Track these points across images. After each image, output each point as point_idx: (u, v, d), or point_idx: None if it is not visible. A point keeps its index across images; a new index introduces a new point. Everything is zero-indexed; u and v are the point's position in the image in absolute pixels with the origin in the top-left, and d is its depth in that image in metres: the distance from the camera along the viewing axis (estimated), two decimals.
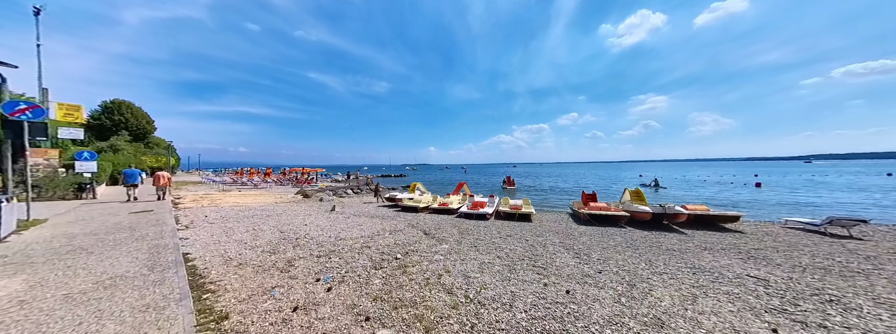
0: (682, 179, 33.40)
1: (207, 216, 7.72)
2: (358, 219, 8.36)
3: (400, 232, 6.62)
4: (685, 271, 4.17)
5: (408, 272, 3.78)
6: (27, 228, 5.68)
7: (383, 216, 9.40)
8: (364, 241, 5.52)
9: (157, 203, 9.75)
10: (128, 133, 30.71)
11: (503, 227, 7.87)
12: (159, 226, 6.05)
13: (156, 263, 3.76)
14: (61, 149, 13.87)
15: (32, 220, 6.59)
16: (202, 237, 5.51)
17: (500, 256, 4.73)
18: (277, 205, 10.95)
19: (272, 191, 18.31)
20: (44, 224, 6.32)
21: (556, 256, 4.83)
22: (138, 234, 5.29)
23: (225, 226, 6.56)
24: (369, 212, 10.22)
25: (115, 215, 7.29)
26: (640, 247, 5.75)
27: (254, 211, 9.12)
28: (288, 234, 5.91)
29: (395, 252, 4.86)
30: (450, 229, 7.46)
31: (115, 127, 31.08)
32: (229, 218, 7.63)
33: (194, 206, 9.82)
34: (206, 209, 9.23)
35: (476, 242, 5.82)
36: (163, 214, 7.44)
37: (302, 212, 9.19)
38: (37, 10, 10.66)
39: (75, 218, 6.92)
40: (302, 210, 9.87)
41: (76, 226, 5.94)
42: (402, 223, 7.93)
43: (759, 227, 8.17)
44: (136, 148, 29.34)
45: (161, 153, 32.92)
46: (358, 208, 11.35)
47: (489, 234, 6.83)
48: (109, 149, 24.07)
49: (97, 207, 8.74)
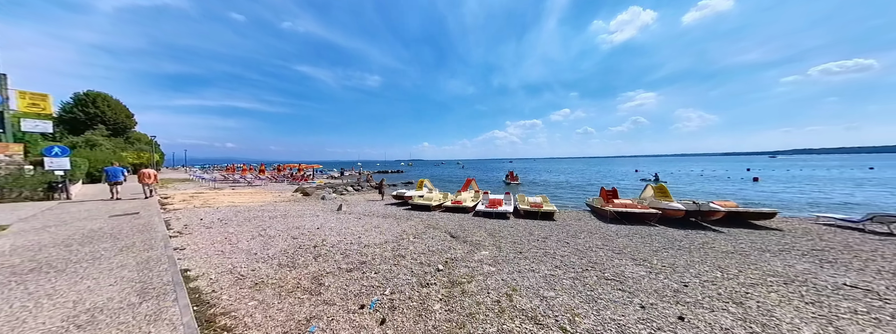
0: (677, 174, 33.81)
1: (203, 219, 6.80)
2: (370, 219, 7.60)
3: (424, 235, 5.93)
4: (772, 280, 3.67)
5: (466, 291, 3.10)
6: None
7: (396, 216, 8.67)
8: (392, 248, 4.80)
9: (142, 203, 8.69)
10: (105, 127, 28.49)
11: (532, 228, 7.29)
12: (147, 232, 5.14)
13: (148, 286, 2.95)
14: (27, 143, 12.37)
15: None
16: (201, 246, 4.66)
17: (558, 266, 4.11)
18: (278, 205, 10.03)
19: (268, 189, 17.20)
20: (3, 232, 5.30)
21: (619, 264, 4.26)
22: (123, 244, 4.40)
23: (225, 230, 5.69)
24: (379, 212, 9.46)
25: (94, 219, 6.28)
26: (693, 250, 5.27)
27: (254, 211, 8.21)
28: (302, 240, 5.12)
29: (433, 262, 4.18)
30: (476, 231, 6.81)
31: (91, 121, 28.77)
32: (229, 220, 6.74)
33: (185, 207, 8.81)
34: (200, 210, 8.26)
35: (517, 247, 5.20)
36: (150, 217, 6.47)
37: (308, 213, 8.35)
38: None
39: (44, 223, 5.90)
40: (306, 210, 9.01)
41: (45, 234, 4.96)
42: (420, 224, 7.23)
43: (791, 224, 7.89)
44: (115, 143, 27.27)
45: (143, 149, 30.83)
46: (365, 207, 10.56)
47: (523, 237, 6.22)
48: (85, 144, 22.14)
49: (72, 209, 7.64)
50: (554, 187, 22.81)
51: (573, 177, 33.85)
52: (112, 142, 26.58)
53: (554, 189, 21.54)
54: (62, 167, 10.52)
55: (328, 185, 20.21)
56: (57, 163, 10.50)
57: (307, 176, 22.17)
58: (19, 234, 4.96)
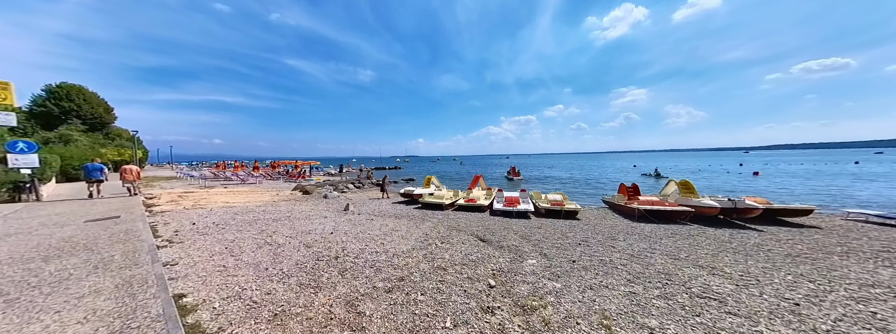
0: (675, 169, 34.08)
1: (196, 223, 5.93)
2: (384, 221, 6.87)
3: (451, 239, 5.26)
4: (877, 293, 3.18)
5: (548, 321, 2.46)
6: None
7: (410, 216, 7.97)
8: (425, 257, 4.12)
9: (123, 204, 7.69)
10: (81, 122, 26.47)
11: (562, 228, 6.74)
12: (130, 241, 4.29)
13: (129, 323, 2.19)
14: None
15: None
16: (198, 259, 3.86)
17: (629, 279, 3.53)
18: (278, 205, 9.16)
19: (264, 187, 16.16)
20: None
21: (694, 275, 3.71)
22: (99, 258, 3.56)
23: (224, 237, 4.88)
24: (390, 211, 8.74)
25: (66, 225, 5.35)
26: (750, 253, 4.80)
27: (254, 213, 7.35)
28: (318, 249, 4.38)
29: (480, 275, 3.53)
30: (504, 233, 6.20)
31: (65, 115, 26.64)
32: (226, 224, 5.89)
33: (174, 209, 7.86)
34: (191, 212, 7.35)
35: (563, 253, 4.60)
36: (133, 222, 5.57)
37: (314, 214, 7.55)
38: None
39: (4, 230, 4.95)
40: (311, 210, 8.20)
41: (1, 246, 4.06)
42: (440, 225, 6.57)
43: (826, 221, 7.58)
44: (93, 139, 25.39)
45: (125, 145, 28.92)
46: (373, 206, 9.81)
47: (559, 239, 5.64)
48: (58, 139, 20.41)
49: (41, 213, 6.63)
50: (559, 183, 22.45)
51: (574, 172, 33.67)
52: (90, 138, 24.74)
53: (559, 185, 21.16)
54: (29, 165, 9.31)
55: (328, 183, 19.26)
56: (23, 160, 9.28)
57: (304, 173, 21.09)
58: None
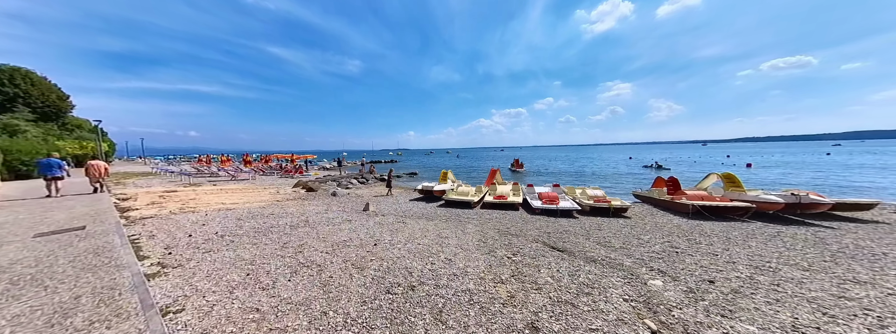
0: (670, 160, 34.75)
1: (192, 235, 4.55)
2: (419, 224, 5.77)
3: (523, 250, 4.28)
4: None
5: None
6: None
7: (442, 216, 6.93)
8: (518, 280, 3.12)
9: (91, 208, 6.07)
10: (29, 110, 22.90)
11: (628, 230, 5.96)
12: (103, 267, 2.97)
13: None
14: None
15: None
16: (212, 298, 2.61)
17: (819, 308, 2.69)
18: (284, 206, 7.79)
19: (258, 184, 14.45)
20: None
21: (871, 294, 2.95)
22: (58, 304, 2.29)
23: (238, 256, 3.61)
24: (416, 211, 7.63)
25: (6, 242, 3.87)
26: (859, 257, 4.20)
27: (262, 218, 6.00)
28: (376, 272, 3.24)
29: (621, 313, 2.58)
30: (570, 238, 5.32)
31: (10, 102, 22.89)
32: (234, 235, 4.55)
33: (158, 214, 6.35)
34: (182, 219, 5.89)
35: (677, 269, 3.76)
36: (106, 235, 4.14)
37: (335, 217, 6.29)
38: None
39: None
40: (327, 212, 6.93)
41: None
42: (487, 228, 5.60)
43: (883, 215, 7.27)
44: (45, 130, 22.08)
45: (86, 137, 25.54)
46: (392, 205, 8.65)
47: (643, 246, 4.82)
48: (2, 130, 17.39)
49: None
50: (567, 176, 21.94)
51: (572, 164, 33.51)
52: (41, 129, 21.47)
53: (568, 178, 20.65)
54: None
55: (329, 178, 17.70)
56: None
57: (301, 168, 19.28)
58: None
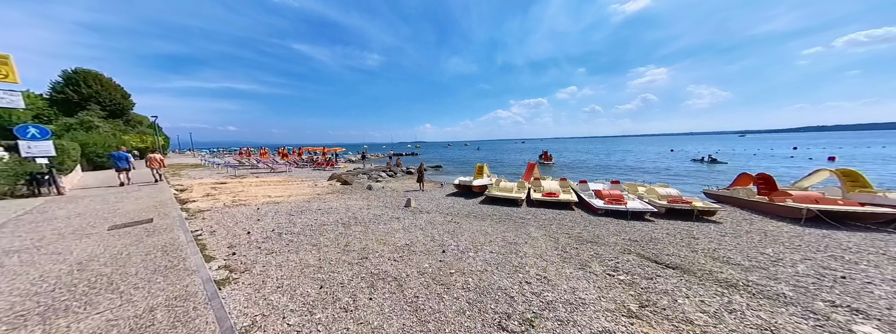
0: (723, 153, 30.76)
1: (251, 232, 4.39)
2: (472, 224, 5.20)
3: (620, 265, 3.54)
4: None
5: None
6: None
7: (490, 215, 6.26)
8: (655, 315, 2.42)
9: (155, 199, 6.30)
10: (100, 108, 25.57)
11: (751, 241, 4.87)
12: (174, 270, 2.77)
13: None
14: None
15: None
16: (294, 322, 2.26)
17: None
18: (326, 200, 7.63)
19: (295, 176, 14.83)
20: None
21: None
22: (133, 317, 2.03)
23: (302, 260, 3.30)
24: (459, 208, 7.01)
25: (85, 234, 3.92)
26: None
27: (311, 213, 5.80)
28: (466, 292, 2.72)
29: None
30: (672, 250, 4.40)
31: (84, 101, 25.72)
32: (291, 234, 4.33)
33: (213, 206, 6.42)
34: (236, 212, 5.87)
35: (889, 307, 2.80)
36: (171, 229, 4.09)
37: (383, 214, 5.91)
38: None
39: (8, 244, 3.54)
40: (370, 207, 6.61)
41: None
42: (558, 234, 4.88)
43: None
44: (113, 125, 24.58)
45: (145, 131, 28.18)
46: (428, 200, 8.11)
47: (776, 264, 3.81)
48: (80, 126, 19.50)
49: (59, 214, 5.28)
50: (607, 170, 20.12)
51: (614, 158, 30.74)
52: (111, 125, 23.91)
53: (610, 172, 18.90)
54: (44, 153, 8.01)
55: (359, 171, 17.82)
56: (37, 147, 7.97)
57: (332, 160, 19.71)
58: None
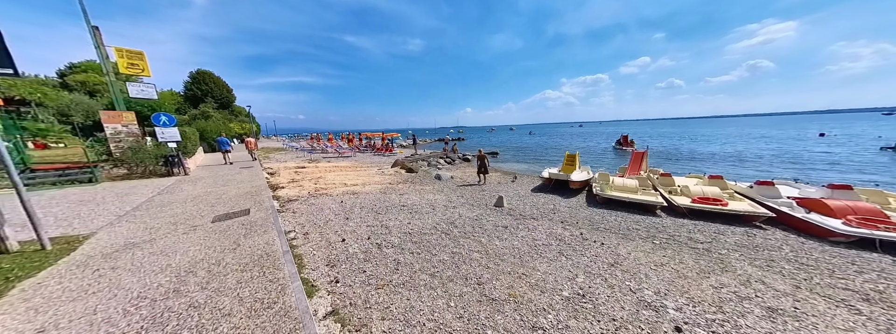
0: None
1: (345, 240, 3.67)
2: (625, 247, 3.55)
3: None
4: None
5: None
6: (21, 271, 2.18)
7: (633, 230, 4.36)
8: None
9: (251, 183, 6.39)
10: (214, 101, 30.87)
11: None
12: (272, 292, 2.01)
13: None
14: (144, 111, 11.84)
15: (64, 237, 3.28)
16: None
17: None
18: (401, 191, 6.85)
19: (360, 162, 15.07)
20: (72, 253, 2.89)
21: None
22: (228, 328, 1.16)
23: (437, 318, 2.27)
24: (574, 215, 5.21)
25: (193, 226, 3.72)
26: None
27: (397, 211, 4.96)
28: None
29: None
30: None
31: (204, 96, 31.44)
32: (390, 246, 3.46)
33: (299, 195, 6.21)
34: (320, 204, 5.45)
35: None
36: (266, 229, 3.61)
37: (481, 219, 4.69)
38: None
39: (125, 237, 3.47)
40: (453, 204, 5.48)
41: (99, 282, 2.24)
42: (792, 278, 2.84)
43: None
44: (223, 115, 29.45)
45: (244, 120, 33.29)
46: (517, 199, 6.53)
47: None
48: (201, 115, 23.66)
49: (180, 196, 5.58)
50: (719, 161, 15.08)
51: (716, 144, 22.85)
52: (221, 114, 28.63)
53: (725, 163, 14.10)
54: (173, 138, 9.23)
55: (417, 157, 17.38)
56: (168, 133, 9.21)
57: (390, 145, 19.95)
58: (75, 270, 2.35)
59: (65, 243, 3.30)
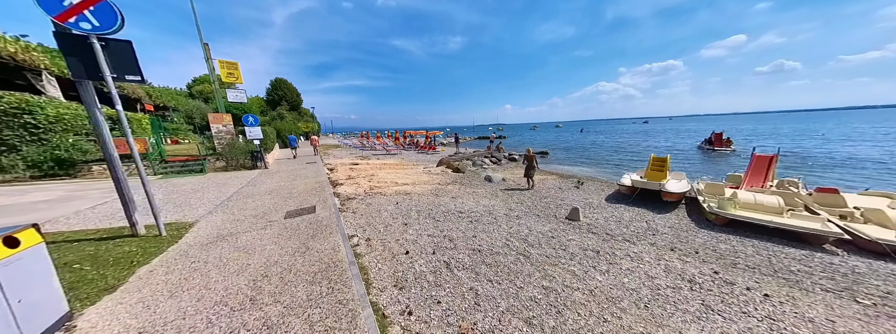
0: None
1: (409, 252, 3.37)
2: (748, 279, 2.36)
3: None
4: None
5: None
6: (142, 254, 2.34)
7: (812, 280, 2.98)
8: None
9: (316, 179, 6.77)
10: (286, 103, 35.82)
11: None
12: (343, 310, 1.71)
13: None
14: (236, 113, 14.07)
15: (176, 223, 3.80)
16: None
17: None
18: (453, 193, 6.41)
19: (406, 159, 15.35)
20: (179, 240, 3.22)
21: None
22: None
23: (505, 325, 1.76)
24: (689, 241, 3.85)
25: (268, 222, 3.89)
26: None
27: (456, 218, 4.53)
28: None
29: None
30: None
31: (280, 100, 36.82)
32: (462, 267, 3.02)
33: (356, 193, 6.30)
34: (377, 205, 5.36)
35: None
36: (330, 232, 3.53)
37: (562, 239, 3.91)
38: None
39: (206, 234, 3.78)
40: (516, 214, 4.75)
41: (195, 276, 2.30)
42: None
43: None
44: (293, 116, 33.93)
45: (309, 120, 37.90)
46: (590, 210, 5.43)
47: None
48: (277, 117, 27.56)
49: (261, 189, 6.17)
50: (846, 167, 10.57)
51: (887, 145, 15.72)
52: (292, 115, 33.00)
53: (854, 169, 9.74)
54: (257, 136, 10.66)
55: (462, 156, 16.95)
56: (253, 132, 10.67)
57: (433, 144, 20.12)
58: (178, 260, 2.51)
59: (175, 230, 3.75)
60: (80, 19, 2.72)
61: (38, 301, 1.74)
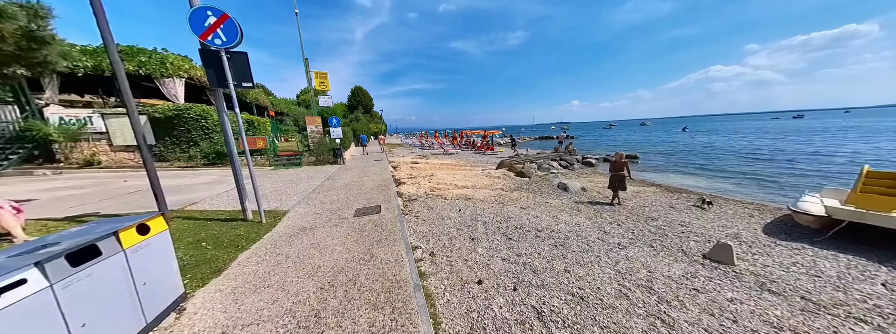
0: None
1: (482, 282, 2.81)
2: None
3: None
4: None
5: None
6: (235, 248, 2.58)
7: None
8: None
9: (381, 176, 7.03)
10: (362, 108, 41.16)
11: None
12: (398, 306, 1.25)
13: None
14: (322, 117, 16.61)
15: (274, 211, 4.37)
16: None
17: None
18: (523, 203, 5.48)
19: (464, 160, 14.98)
20: (273, 229, 3.59)
21: None
22: None
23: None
24: None
25: (340, 218, 3.99)
26: None
27: (533, 239, 3.71)
28: None
29: None
30: None
31: (357, 104, 42.74)
32: (557, 316, 2.29)
33: (417, 194, 6.15)
34: (439, 209, 5.01)
35: None
36: (393, 237, 3.29)
37: (677, 271, 2.65)
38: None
39: (312, 209, 4.10)
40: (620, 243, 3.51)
41: (278, 270, 2.34)
42: None
43: None
44: (367, 118, 38.64)
45: (378, 122, 42.53)
46: (747, 245, 3.57)
47: None
48: (354, 119, 31.81)
49: (337, 184, 6.72)
50: None
51: None
52: (365, 118, 37.62)
53: None
54: (338, 136, 12.26)
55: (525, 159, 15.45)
56: (335, 132, 12.30)
57: (491, 144, 19.22)
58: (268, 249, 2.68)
59: (272, 217, 4.26)
60: (215, 36, 3.22)
61: (160, 283, 1.93)
